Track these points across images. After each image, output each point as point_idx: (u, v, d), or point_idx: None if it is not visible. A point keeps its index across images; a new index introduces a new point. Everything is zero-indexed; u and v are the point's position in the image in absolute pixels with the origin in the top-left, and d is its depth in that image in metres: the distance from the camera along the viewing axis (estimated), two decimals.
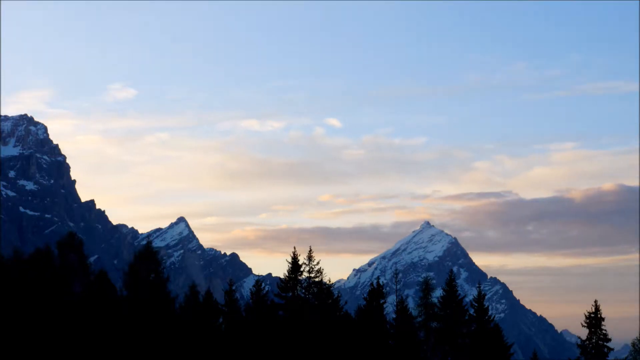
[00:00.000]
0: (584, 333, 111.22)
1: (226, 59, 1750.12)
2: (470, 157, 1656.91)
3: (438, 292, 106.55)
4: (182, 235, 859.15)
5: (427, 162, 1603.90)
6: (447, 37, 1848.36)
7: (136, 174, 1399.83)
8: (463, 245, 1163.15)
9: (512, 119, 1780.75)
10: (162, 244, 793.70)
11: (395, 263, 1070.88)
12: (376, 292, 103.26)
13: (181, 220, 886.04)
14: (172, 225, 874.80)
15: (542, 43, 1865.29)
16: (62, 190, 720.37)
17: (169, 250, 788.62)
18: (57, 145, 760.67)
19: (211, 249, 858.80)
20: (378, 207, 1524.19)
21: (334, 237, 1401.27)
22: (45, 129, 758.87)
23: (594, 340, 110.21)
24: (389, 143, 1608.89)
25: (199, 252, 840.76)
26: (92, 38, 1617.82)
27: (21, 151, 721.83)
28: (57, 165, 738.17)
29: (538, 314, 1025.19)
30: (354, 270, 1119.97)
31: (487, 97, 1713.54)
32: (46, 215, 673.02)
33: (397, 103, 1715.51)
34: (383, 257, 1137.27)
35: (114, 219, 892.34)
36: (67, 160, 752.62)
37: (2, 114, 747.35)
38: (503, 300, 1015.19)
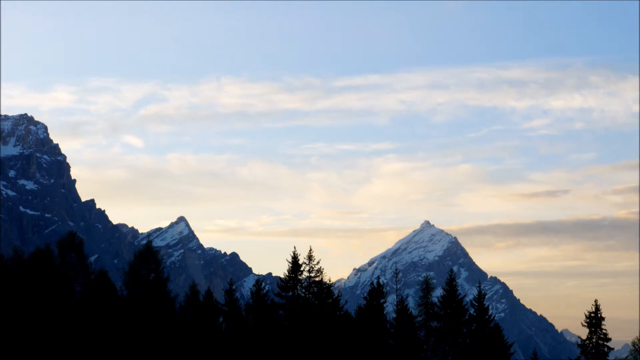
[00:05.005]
0: (584, 333, 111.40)
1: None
2: (301, 171, 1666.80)
3: (438, 292, 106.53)
4: (182, 234, 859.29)
5: (258, 179, 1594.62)
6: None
7: None
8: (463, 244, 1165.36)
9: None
10: (162, 243, 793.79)
11: (396, 262, 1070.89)
12: (376, 292, 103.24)
13: (181, 219, 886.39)
14: (172, 225, 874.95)
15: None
16: (62, 190, 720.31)
17: (169, 250, 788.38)
18: (57, 144, 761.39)
19: (211, 249, 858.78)
20: (239, 227, 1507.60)
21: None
22: (45, 128, 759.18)
23: (594, 340, 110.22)
24: (198, 159, 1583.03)
25: (199, 251, 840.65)
26: None
27: (21, 151, 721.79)
28: (57, 165, 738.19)
29: (538, 313, 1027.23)
30: (354, 269, 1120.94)
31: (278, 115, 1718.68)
32: (46, 215, 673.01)
33: (192, 120, 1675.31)
34: (383, 257, 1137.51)
35: (114, 218, 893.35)
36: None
37: (2, 113, 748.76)
38: (503, 300, 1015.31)
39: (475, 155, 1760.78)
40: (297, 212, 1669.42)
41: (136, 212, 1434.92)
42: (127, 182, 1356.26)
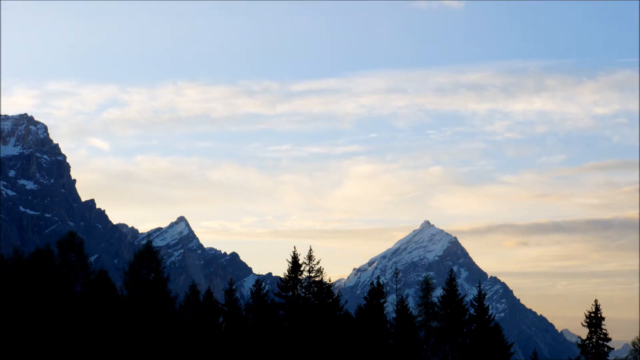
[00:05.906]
0: (584, 333, 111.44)
1: None
2: (273, 174, 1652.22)
3: (438, 292, 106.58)
4: (182, 234, 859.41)
5: (230, 181, 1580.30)
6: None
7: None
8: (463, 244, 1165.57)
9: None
10: (162, 243, 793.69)
11: (396, 262, 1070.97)
12: (376, 292, 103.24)
13: (181, 219, 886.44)
14: (172, 225, 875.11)
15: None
16: (62, 190, 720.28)
17: (169, 250, 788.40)
18: (57, 144, 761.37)
19: (211, 249, 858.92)
20: (224, 229, 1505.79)
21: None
22: (45, 128, 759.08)
23: (594, 340, 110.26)
24: (168, 162, 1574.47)
25: (199, 251, 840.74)
26: None
27: (21, 151, 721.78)
28: (57, 165, 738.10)
29: (538, 313, 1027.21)
30: (354, 269, 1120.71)
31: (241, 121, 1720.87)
32: (46, 215, 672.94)
33: (156, 124, 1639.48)
34: (383, 257, 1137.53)
35: (114, 218, 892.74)
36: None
37: (2, 113, 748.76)
38: (503, 300, 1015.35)
39: (444, 158, 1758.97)
40: (277, 214, 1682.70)
41: (121, 213, 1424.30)
42: (101, 185, 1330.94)
